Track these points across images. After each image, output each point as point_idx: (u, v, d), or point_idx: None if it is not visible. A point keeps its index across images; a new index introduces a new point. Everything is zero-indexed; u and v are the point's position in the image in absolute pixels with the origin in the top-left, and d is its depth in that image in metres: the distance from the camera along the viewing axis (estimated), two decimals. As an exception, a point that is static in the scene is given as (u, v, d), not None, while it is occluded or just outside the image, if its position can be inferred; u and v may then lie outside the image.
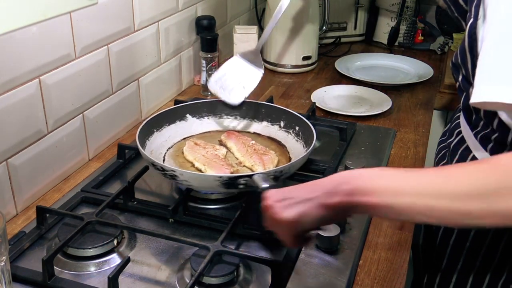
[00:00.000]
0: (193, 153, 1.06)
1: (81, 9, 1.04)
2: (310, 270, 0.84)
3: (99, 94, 1.15)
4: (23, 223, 0.95)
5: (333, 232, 0.87)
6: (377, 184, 0.64)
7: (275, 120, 1.18)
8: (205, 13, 1.55)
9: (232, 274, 0.81)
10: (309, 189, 0.68)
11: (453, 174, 0.63)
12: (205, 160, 1.03)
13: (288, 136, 1.14)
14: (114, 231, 0.88)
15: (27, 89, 0.95)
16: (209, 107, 1.19)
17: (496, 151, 0.91)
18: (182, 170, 0.92)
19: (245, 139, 1.12)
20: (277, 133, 1.16)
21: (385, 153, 1.19)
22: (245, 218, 0.91)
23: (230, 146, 1.11)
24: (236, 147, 1.10)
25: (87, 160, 1.16)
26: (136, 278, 0.82)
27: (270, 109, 1.19)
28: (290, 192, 0.70)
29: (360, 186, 0.64)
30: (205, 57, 1.46)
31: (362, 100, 1.48)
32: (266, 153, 1.06)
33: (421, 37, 1.98)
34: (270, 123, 1.18)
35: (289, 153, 1.10)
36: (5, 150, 0.92)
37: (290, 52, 1.67)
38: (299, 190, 0.69)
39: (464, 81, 0.94)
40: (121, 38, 1.19)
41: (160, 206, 0.97)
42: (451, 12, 1.00)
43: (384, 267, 0.86)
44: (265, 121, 1.19)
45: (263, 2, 1.86)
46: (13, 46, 0.90)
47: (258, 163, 1.03)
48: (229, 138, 1.12)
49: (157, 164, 0.93)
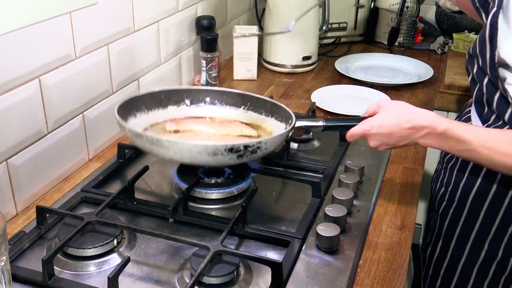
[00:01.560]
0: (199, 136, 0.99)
1: (81, 9, 1.04)
2: (310, 270, 0.84)
3: (99, 94, 1.15)
4: (23, 223, 0.95)
5: (333, 232, 0.87)
6: (443, 143, 0.87)
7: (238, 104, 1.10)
8: (205, 13, 1.55)
9: (232, 274, 0.81)
10: (399, 138, 0.88)
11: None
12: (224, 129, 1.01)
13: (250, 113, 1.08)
14: (114, 231, 0.88)
15: (27, 89, 0.95)
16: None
17: None
18: (228, 142, 0.84)
19: (200, 120, 1.05)
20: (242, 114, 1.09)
21: (385, 153, 1.19)
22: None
23: (195, 129, 1.02)
24: (206, 126, 1.03)
25: (87, 160, 1.16)
26: (136, 278, 0.82)
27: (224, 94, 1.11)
28: (385, 138, 0.89)
29: (432, 141, 0.87)
30: (205, 57, 1.46)
31: (362, 100, 1.48)
32: (231, 122, 1.03)
33: (421, 37, 1.98)
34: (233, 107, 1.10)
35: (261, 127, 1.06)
36: (5, 150, 0.92)
37: (290, 52, 1.67)
38: (391, 138, 0.89)
39: (479, 71, 0.94)
40: (121, 38, 1.19)
41: (160, 206, 0.97)
42: (473, 3, 1.00)
43: (384, 267, 0.86)
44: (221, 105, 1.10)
45: (263, 2, 1.86)
46: (13, 46, 0.90)
47: (244, 127, 1.01)
48: (184, 123, 1.03)
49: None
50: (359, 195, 1.03)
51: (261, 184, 1.05)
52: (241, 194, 1.03)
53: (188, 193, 0.97)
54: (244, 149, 0.86)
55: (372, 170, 1.12)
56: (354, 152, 1.20)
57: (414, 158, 1.19)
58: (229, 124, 1.05)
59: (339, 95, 1.51)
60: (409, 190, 1.08)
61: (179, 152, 0.86)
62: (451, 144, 0.86)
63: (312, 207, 0.97)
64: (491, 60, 0.88)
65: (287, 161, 1.12)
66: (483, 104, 0.96)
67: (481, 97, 0.96)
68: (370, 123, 0.89)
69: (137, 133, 0.89)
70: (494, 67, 0.87)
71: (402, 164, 1.17)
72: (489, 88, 0.92)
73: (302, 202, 1.00)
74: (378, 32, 2.00)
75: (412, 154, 1.21)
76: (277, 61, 1.69)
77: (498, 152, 0.83)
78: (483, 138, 0.84)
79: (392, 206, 1.02)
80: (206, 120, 1.08)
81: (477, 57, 0.94)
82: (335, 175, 1.08)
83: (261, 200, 1.01)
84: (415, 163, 1.17)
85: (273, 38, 1.67)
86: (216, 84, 1.50)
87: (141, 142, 0.89)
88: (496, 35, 0.84)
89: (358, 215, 0.97)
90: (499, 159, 0.83)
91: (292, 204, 1.01)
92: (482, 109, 0.96)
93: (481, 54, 0.91)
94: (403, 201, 1.04)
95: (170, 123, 1.03)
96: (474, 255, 1.02)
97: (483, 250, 1.01)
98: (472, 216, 1.01)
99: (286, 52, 1.67)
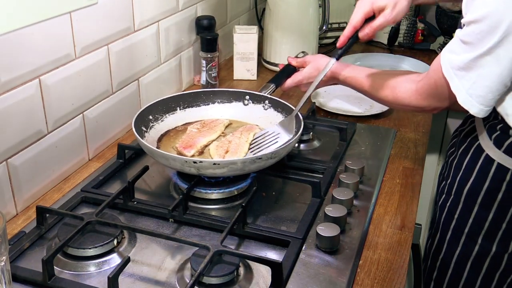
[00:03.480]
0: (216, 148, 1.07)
1: (81, 9, 1.04)
2: (310, 270, 0.84)
3: (99, 94, 1.15)
4: (23, 223, 0.95)
5: (333, 232, 0.87)
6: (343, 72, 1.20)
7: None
8: (205, 13, 1.55)
9: (232, 274, 0.81)
10: (310, 75, 1.26)
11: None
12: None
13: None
14: (114, 231, 0.88)
15: (27, 89, 0.95)
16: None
17: (499, 140, 0.94)
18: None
19: (201, 130, 1.15)
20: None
21: (385, 153, 1.19)
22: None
23: (205, 143, 1.11)
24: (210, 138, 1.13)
25: (87, 160, 1.16)
26: (136, 278, 0.82)
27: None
28: (304, 77, 1.28)
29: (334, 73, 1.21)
30: (205, 57, 1.46)
31: (362, 100, 1.48)
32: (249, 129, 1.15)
33: (421, 37, 1.98)
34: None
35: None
36: (5, 150, 0.92)
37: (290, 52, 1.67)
38: (305, 75, 1.28)
39: None
40: (121, 38, 1.19)
41: (160, 206, 0.97)
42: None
43: (384, 267, 0.86)
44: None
45: (263, 2, 1.86)
46: (13, 46, 0.90)
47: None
48: (193, 143, 1.10)
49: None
50: (359, 195, 1.03)
51: (261, 184, 1.05)
52: (241, 194, 1.03)
53: (188, 193, 0.97)
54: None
55: (372, 170, 1.12)
56: (354, 152, 1.20)
57: (414, 158, 1.19)
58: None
59: (339, 95, 1.51)
60: (409, 190, 1.08)
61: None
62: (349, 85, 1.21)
63: (312, 207, 0.97)
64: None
65: (287, 161, 1.12)
66: None
67: None
68: (301, 76, 1.27)
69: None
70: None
71: (402, 164, 1.17)
72: None
73: (302, 202, 1.00)
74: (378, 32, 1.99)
75: (412, 154, 1.21)
76: (277, 61, 1.68)
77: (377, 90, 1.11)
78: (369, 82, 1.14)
79: (392, 206, 1.02)
80: (217, 128, 1.14)
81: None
82: (335, 175, 1.08)
83: (261, 200, 1.01)
84: (415, 163, 1.17)
85: (273, 38, 1.67)
86: (216, 84, 1.50)
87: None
88: None
89: (358, 215, 0.97)
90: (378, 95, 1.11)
91: (292, 204, 1.01)
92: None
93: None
94: (403, 201, 1.04)
95: (182, 149, 1.07)
96: (468, 248, 1.03)
97: (477, 244, 1.02)
98: (467, 210, 1.02)
99: (286, 52, 1.67)
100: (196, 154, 1.06)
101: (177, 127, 1.17)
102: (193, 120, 1.19)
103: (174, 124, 1.17)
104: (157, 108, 1.15)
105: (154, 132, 1.13)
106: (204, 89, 1.36)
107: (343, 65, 1.21)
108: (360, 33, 1.07)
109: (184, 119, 1.19)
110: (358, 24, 1.06)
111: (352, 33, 1.07)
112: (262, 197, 1.02)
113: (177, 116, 1.19)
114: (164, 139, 1.13)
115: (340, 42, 1.09)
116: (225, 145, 1.07)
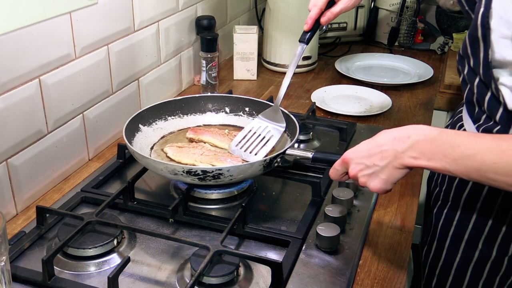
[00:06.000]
0: (187, 156, 1.05)
1: (81, 9, 1.04)
2: (310, 270, 0.84)
3: (99, 94, 1.15)
4: (23, 223, 0.95)
5: (333, 232, 0.87)
6: (436, 150, 0.73)
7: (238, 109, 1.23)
8: (205, 13, 1.55)
9: (232, 274, 0.81)
10: (380, 156, 0.79)
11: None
12: (208, 158, 1.03)
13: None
14: (114, 231, 0.88)
15: (27, 89, 0.95)
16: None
17: None
18: (230, 165, 0.94)
19: (218, 131, 1.15)
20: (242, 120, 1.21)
21: (385, 153, 1.19)
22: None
23: (207, 140, 1.12)
24: (216, 139, 1.12)
25: (87, 160, 1.16)
26: (136, 278, 0.82)
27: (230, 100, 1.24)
28: (365, 160, 0.80)
29: (421, 150, 0.74)
30: (205, 57, 1.46)
31: (362, 100, 1.48)
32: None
33: (421, 37, 1.98)
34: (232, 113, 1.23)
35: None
36: (5, 150, 0.92)
37: (290, 52, 1.67)
38: (371, 158, 0.80)
39: (470, 72, 0.94)
40: (121, 38, 1.19)
41: (160, 206, 0.97)
42: (461, 7, 1.00)
43: (384, 267, 0.86)
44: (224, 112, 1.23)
45: (263, 2, 1.86)
46: (13, 46, 0.90)
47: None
48: (200, 134, 1.13)
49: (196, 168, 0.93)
50: (359, 195, 1.03)
51: (261, 184, 1.05)
52: (241, 194, 1.03)
53: (188, 193, 0.97)
54: (203, 173, 0.91)
55: (372, 170, 1.12)
56: (354, 152, 1.20)
57: (414, 158, 1.19)
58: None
59: (339, 95, 1.51)
60: (409, 190, 1.08)
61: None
62: (446, 152, 0.72)
63: (312, 207, 0.97)
64: (484, 60, 0.88)
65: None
66: (473, 105, 0.96)
67: (471, 97, 0.96)
68: (347, 151, 0.84)
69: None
70: (488, 67, 0.87)
71: (402, 164, 1.16)
72: (480, 88, 0.92)
73: (302, 202, 1.00)
74: (378, 32, 2.00)
75: (412, 154, 1.21)
76: (277, 61, 1.69)
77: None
78: (486, 140, 0.71)
79: (392, 206, 1.02)
80: (223, 132, 1.15)
81: (468, 57, 0.94)
82: (335, 175, 1.08)
83: (261, 200, 1.01)
84: (415, 163, 1.17)
85: (273, 38, 1.67)
86: (216, 84, 1.50)
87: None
88: (489, 34, 0.84)
89: (358, 215, 0.97)
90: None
91: (292, 204, 1.01)
92: (473, 109, 0.97)
93: (474, 54, 0.92)
94: (403, 201, 1.04)
95: (191, 131, 1.15)
96: (468, 254, 1.02)
97: (477, 250, 1.01)
98: (466, 216, 1.01)
99: (286, 52, 1.67)
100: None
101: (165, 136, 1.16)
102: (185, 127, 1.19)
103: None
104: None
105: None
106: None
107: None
108: (322, 18, 1.11)
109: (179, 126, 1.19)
110: (323, 5, 1.11)
111: (318, 15, 1.11)
112: (262, 197, 1.02)
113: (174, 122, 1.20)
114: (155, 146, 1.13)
115: (308, 25, 1.11)
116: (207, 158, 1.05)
